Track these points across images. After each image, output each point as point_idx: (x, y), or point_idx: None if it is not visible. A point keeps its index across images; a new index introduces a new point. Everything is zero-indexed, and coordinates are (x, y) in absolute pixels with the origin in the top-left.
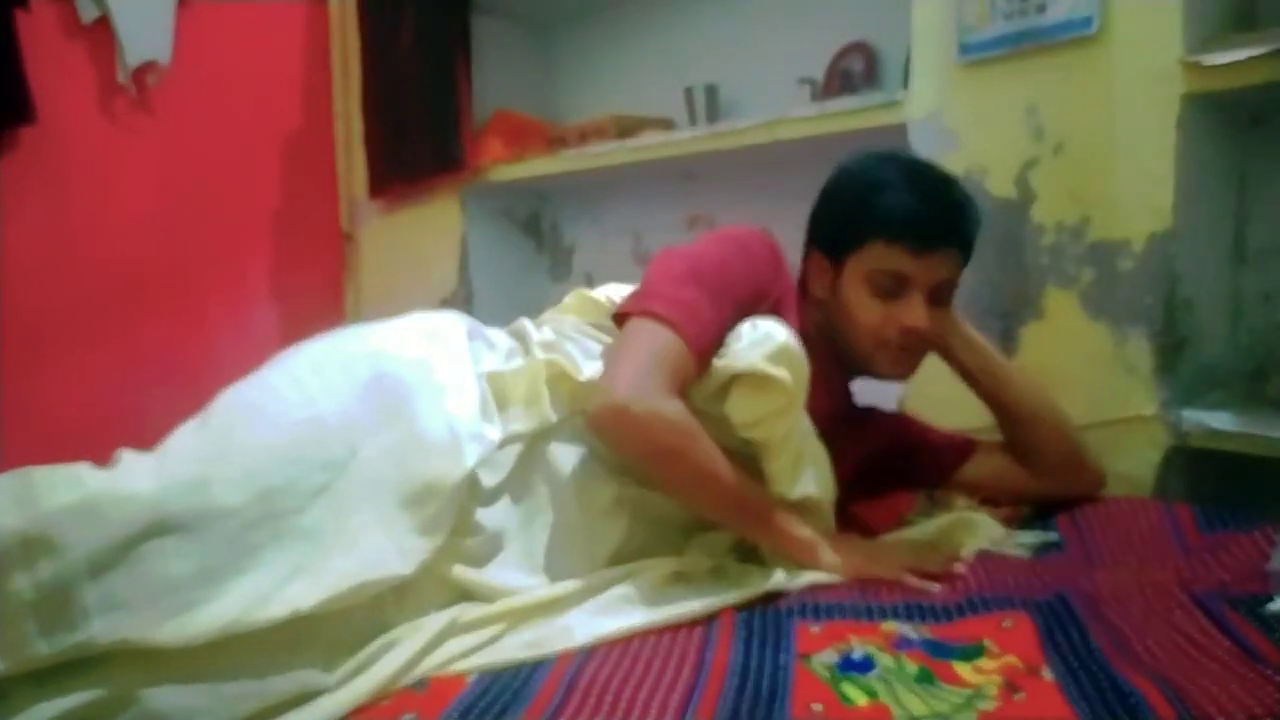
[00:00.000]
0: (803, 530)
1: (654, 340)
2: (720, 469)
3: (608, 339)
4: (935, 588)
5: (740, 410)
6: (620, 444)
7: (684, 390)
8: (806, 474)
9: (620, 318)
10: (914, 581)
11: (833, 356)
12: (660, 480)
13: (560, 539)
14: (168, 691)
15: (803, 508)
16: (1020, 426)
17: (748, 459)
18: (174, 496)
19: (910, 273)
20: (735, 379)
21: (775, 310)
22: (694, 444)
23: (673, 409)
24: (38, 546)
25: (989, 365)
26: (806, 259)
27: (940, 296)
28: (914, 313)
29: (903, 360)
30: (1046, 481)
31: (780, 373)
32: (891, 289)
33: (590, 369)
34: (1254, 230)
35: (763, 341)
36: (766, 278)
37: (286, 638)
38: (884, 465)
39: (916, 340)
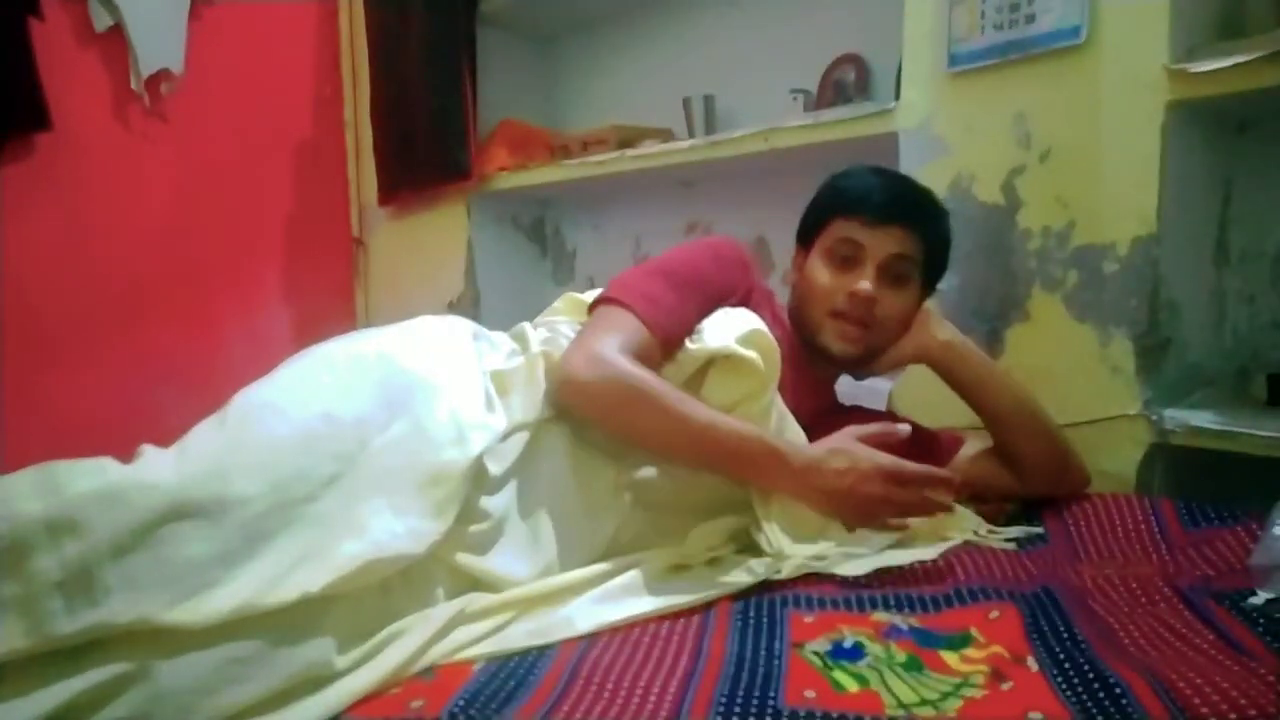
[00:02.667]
0: (792, 455)
1: (610, 321)
2: (685, 409)
3: None
4: (921, 517)
5: (716, 393)
6: (583, 405)
7: (647, 364)
8: None
9: (590, 311)
10: (895, 524)
11: (809, 349)
12: (628, 434)
13: (561, 524)
14: (178, 669)
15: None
16: (1007, 434)
17: None
18: (193, 484)
19: (863, 242)
20: (710, 364)
21: (743, 306)
22: (653, 388)
23: (628, 363)
24: (63, 528)
25: (976, 373)
26: (793, 259)
27: (896, 275)
28: (861, 281)
29: (848, 332)
30: (1032, 484)
31: (751, 354)
32: (847, 258)
33: None
34: (1237, 233)
35: (734, 326)
36: (734, 276)
37: (297, 620)
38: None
39: (862, 308)
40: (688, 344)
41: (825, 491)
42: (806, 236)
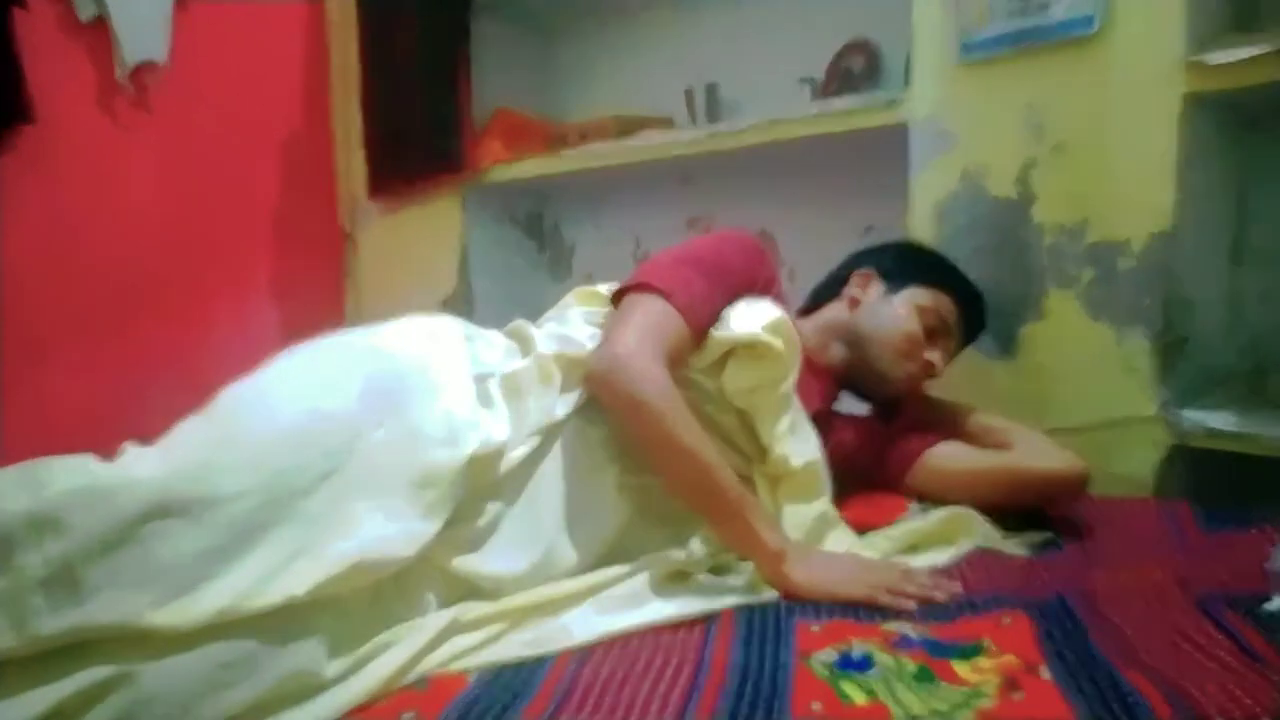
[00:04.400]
0: (774, 536)
1: (648, 308)
2: (696, 442)
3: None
4: (911, 605)
5: (736, 378)
6: (608, 397)
7: (680, 360)
8: (803, 440)
9: (618, 296)
10: (886, 599)
11: (828, 358)
12: (637, 438)
13: (561, 526)
14: (163, 674)
15: (801, 482)
16: (997, 433)
17: (738, 454)
18: (178, 481)
19: (951, 326)
20: (731, 350)
21: (765, 298)
22: (675, 410)
23: (662, 374)
24: (46, 526)
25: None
26: (852, 270)
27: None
28: (941, 357)
29: (915, 378)
30: (1024, 455)
31: (776, 341)
32: (933, 330)
33: (590, 345)
34: (1254, 230)
35: (759, 315)
36: (756, 267)
37: (285, 624)
38: (860, 461)
39: (928, 375)
40: (712, 331)
41: (798, 581)
42: (900, 275)
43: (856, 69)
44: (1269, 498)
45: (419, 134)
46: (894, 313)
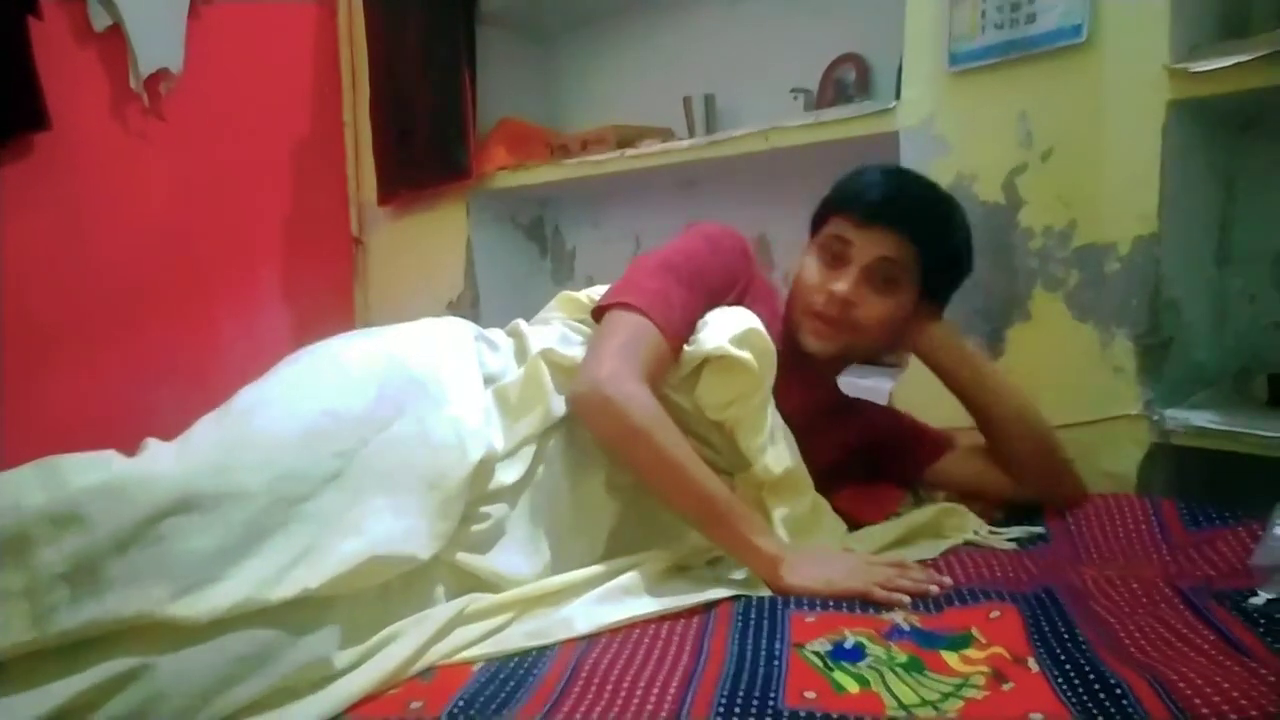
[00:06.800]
0: (768, 542)
1: (629, 328)
2: (686, 460)
3: (588, 330)
4: (905, 601)
5: (710, 393)
6: (595, 424)
7: (661, 376)
8: (782, 449)
9: (599, 312)
10: (880, 594)
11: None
12: (628, 462)
13: (558, 524)
14: (180, 666)
15: (784, 486)
16: (1003, 436)
17: (722, 464)
18: (196, 478)
19: (853, 239)
20: (704, 364)
21: (742, 299)
22: (662, 430)
23: (645, 395)
24: (66, 522)
25: (973, 373)
26: None
27: (884, 278)
28: (843, 280)
29: (821, 330)
30: (1026, 489)
31: (745, 355)
32: (837, 256)
33: (576, 355)
34: (1239, 232)
35: (729, 327)
36: (735, 268)
37: (297, 618)
38: (865, 456)
39: (838, 309)
40: (685, 347)
41: (794, 584)
42: (812, 231)
43: (849, 80)
44: (1250, 495)
45: (426, 142)
46: (798, 273)
